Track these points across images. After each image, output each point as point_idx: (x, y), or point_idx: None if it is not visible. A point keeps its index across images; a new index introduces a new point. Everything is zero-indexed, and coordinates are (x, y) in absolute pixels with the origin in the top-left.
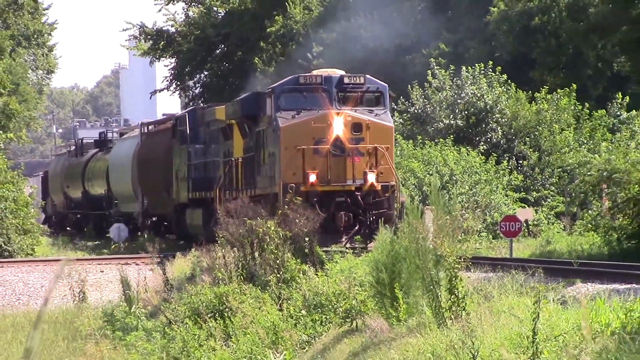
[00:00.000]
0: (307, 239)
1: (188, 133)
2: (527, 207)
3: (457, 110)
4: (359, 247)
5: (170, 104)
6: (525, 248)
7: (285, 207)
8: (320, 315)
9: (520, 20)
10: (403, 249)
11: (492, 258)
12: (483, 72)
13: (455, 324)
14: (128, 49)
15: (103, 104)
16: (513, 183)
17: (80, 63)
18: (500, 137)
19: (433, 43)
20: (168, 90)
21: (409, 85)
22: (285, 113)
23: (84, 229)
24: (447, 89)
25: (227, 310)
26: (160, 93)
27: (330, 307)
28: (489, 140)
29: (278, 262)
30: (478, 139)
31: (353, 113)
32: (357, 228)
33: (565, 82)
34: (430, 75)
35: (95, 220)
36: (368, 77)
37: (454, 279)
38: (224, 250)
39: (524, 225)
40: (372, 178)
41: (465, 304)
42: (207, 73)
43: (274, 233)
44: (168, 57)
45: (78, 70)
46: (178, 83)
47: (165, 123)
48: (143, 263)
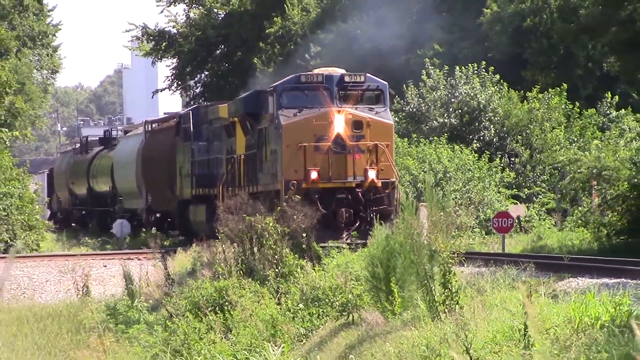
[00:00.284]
0: (304, 235)
1: (191, 131)
2: (519, 203)
3: (451, 109)
4: (361, 242)
5: (172, 103)
6: (517, 243)
7: (286, 203)
8: (318, 309)
9: (513, 22)
10: (398, 245)
11: (484, 253)
12: (476, 72)
13: (449, 318)
14: (130, 50)
15: (106, 103)
16: (505, 180)
17: (84, 63)
18: (493, 135)
19: (428, 44)
20: (169, 90)
21: (404, 85)
22: (287, 111)
23: (89, 225)
24: (441, 89)
25: (226, 304)
26: (162, 92)
27: (327, 301)
28: (482, 139)
29: (276, 257)
30: (471, 137)
31: (354, 111)
32: (357, 224)
33: (556, 81)
34: (425, 75)
35: (100, 217)
36: (368, 75)
37: (448, 274)
38: (224, 246)
39: (516, 222)
40: (372, 175)
41: (459, 298)
42: (207, 73)
43: (273, 229)
44: (169, 57)
45: (82, 70)
46: (179, 83)
47: (169, 121)
48: (145, 258)
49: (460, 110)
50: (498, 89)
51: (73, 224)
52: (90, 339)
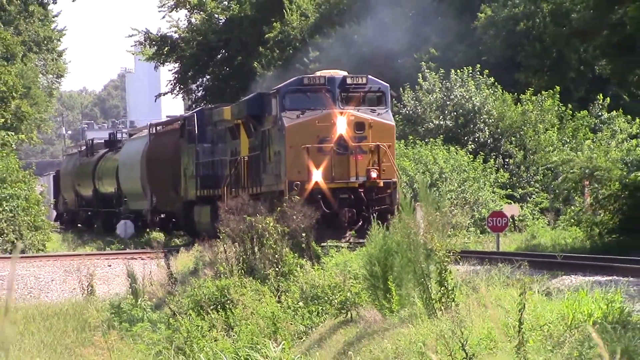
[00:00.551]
0: (304, 235)
1: (196, 133)
2: (513, 203)
3: (446, 112)
4: (359, 242)
5: (174, 107)
6: (512, 242)
7: (287, 204)
8: (317, 307)
9: (506, 26)
10: (395, 244)
11: (479, 252)
12: (471, 75)
13: (445, 315)
14: (134, 54)
15: (110, 107)
16: (500, 180)
17: (89, 67)
18: (488, 136)
19: (423, 47)
20: (172, 94)
21: (401, 88)
22: (290, 113)
23: (94, 226)
24: (437, 91)
25: (228, 302)
26: (165, 96)
27: (326, 299)
28: (477, 140)
29: (277, 256)
30: (466, 139)
31: (356, 112)
32: (360, 224)
33: (549, 84)
34: (421, 78)
35: (105, 218)
36: (370, 77)
37: (444, 272)
38: (226, 246)
39: (510, 221)
40: (374, 175)
41: (455, 296)
42: (209, 77)
43: (273, 229)
44: (172, 61)
45: (86, 75)
46: (181, 86)
47: (173, 124)
48: (149, 258)
49: (456, 113)
50: (492, 92)
51: (79, 225)
52: (95, 337)
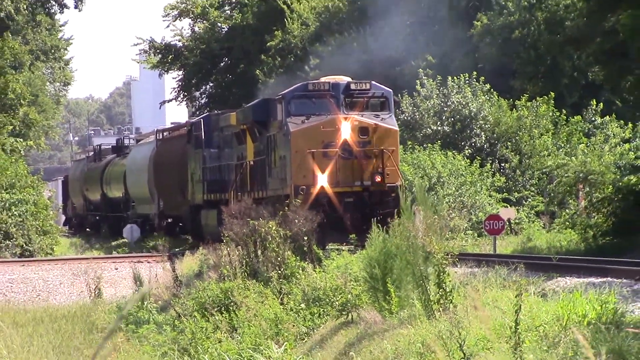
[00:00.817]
0: (305, 238)
1: (203, 138)
2: (509, 206)
3: (443, 117)
4: (360, 245)
5: (178, 114)
6: (508, 245)
7: (289, 207)
8: (319, 309)
9: (502, 33)
10: (394, 247)
11: (477, 254)
12: (467, 82)
13: (443, 316)
14: (139, 62)
15: (116, 114)
16: (496, 184)
17: (95, 75)
18: (484, 142)
19: (421, 55)
20: (176, 101)
21: (399, 94)
22: (295, 118)
23: (102, 230)
24: (434, 98)
25: (232, 305)
26: (169, 103)
27: (328, 301)
28: (474, 145)
29: (279, 259)
30: (463, 144)
31: (360, 117)
32: (365, 227)
33: (544, 90)
34: (419, 85)
35: (113, 222)
36: (373, 83)
37: (442, 274)
38: (229, 249)
39: (507, 224)
40: (379, 179)
41: (453, 297)
42: (212, 84)
43: (275, 232)
44: (176, 69)
45: (92, 82)
46: (185, 94)
47: (179, 129)
48: (154, 261)
49: (453, 118)
50: (488, 98)
51: (87, 229)
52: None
